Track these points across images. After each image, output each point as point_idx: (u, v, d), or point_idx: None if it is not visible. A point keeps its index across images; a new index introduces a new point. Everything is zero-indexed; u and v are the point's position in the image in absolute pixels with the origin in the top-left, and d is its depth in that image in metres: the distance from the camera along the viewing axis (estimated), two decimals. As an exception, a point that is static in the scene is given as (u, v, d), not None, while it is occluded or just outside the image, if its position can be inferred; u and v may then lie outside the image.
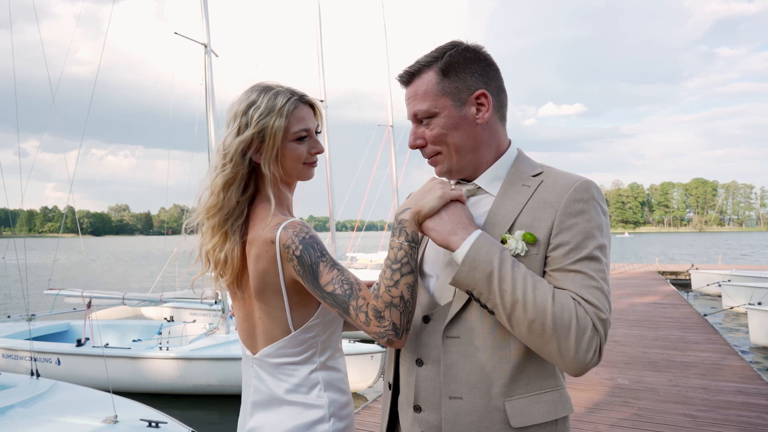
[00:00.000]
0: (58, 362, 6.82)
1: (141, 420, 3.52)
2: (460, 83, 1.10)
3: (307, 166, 1.29)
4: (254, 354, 1.28)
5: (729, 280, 12.43)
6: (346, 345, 6.29)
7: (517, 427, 1.04)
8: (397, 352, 1.23)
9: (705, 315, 9.24)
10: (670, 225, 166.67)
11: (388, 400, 1.26)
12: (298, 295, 1.20)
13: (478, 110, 1.11)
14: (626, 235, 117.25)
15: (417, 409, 1.14)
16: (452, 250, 1.03)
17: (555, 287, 1.01)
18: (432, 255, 1.20)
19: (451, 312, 1.08)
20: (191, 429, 3.52)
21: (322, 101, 11.70)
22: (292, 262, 1.15)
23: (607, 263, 1.05)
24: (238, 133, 1.22)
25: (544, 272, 1.05)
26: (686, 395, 4.65)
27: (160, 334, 6.96)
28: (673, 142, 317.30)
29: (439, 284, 1.14)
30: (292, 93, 1.25)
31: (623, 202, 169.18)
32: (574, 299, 0.99)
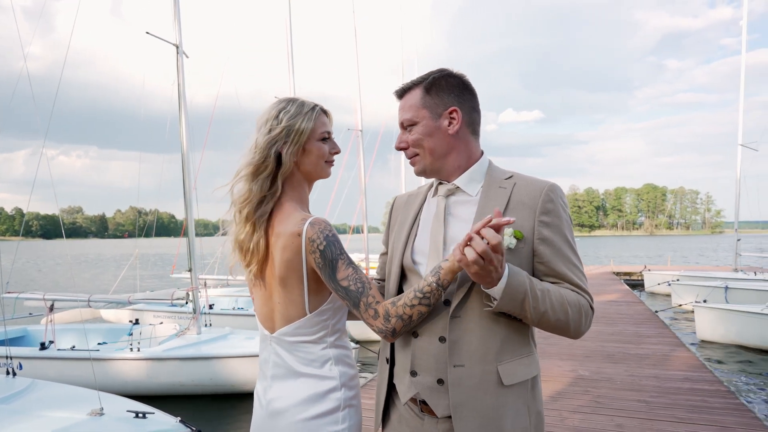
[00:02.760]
0: (20, 367, 6.64)
1: (128, 411, 3.55)
2: (438, 100, 1.36)
3: (328, 164, 1.49)
4: (272, 333, 1.44)
5: (678, 280, 13.21)
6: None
7: (507, 385, 1.27)
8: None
9: (656, 312, 9.83)
10: (623, 228, 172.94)
11: (385, 373, 1.46)
12: (316, 283, 1.38)
13: (450, 123, 1.36)
14: None
15: (413, 374, 1.34)
16: (488, 288, 1.21)
17: (554, 278, 1.29)
18: (420, 247, 1.41)
19: (455, 299, 1.29)
20: (179, 418, 3.57)
21: (291, 104, 11.76)
22: (314, 255, 1.33)
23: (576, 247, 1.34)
24: (269, 132, 1.40)
25: (537, 262, 1.31)
26: (640, 383, 5.03)
27: (131, 335, 6.87)
28: (625, 148, 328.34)
29: (427, 271, 1.35)
30: (315, 103, 1.46)
31: (579, 207, 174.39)
32: (578, 293, 1.28)
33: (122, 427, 3.38)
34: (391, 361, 1.45)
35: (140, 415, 3.52)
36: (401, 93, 1.42)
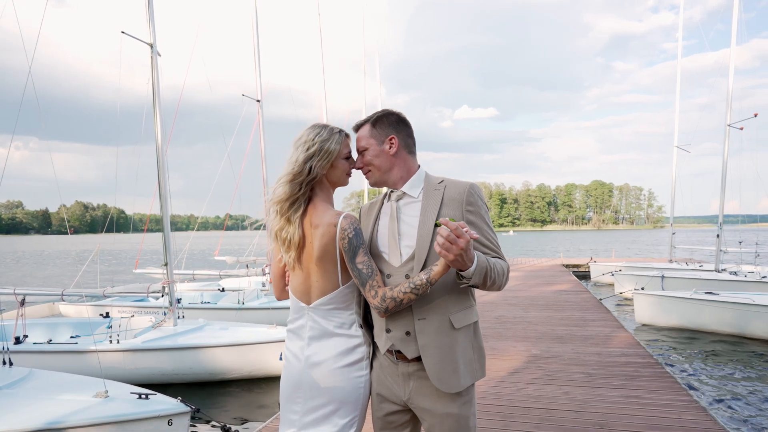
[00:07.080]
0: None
1: (131, 393, 3.83)
2: (381, 131, 1.86)
3: (348, 176, 1.95)
4: (309, 305, 1.88)
5: (620, 271, 14.30)
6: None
7: (458, 328, 1.78)
8: (366, 304, 1.91)
9: (601, 299, 10.73)
10: (572, 223, 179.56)
11: (368, 335, 1.93)
12: (345, 262, 1.83)
13: (390, 146, 1.85)
14: (511, 233, 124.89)
15: (388, 331, 1.82)
16: (463, 270, 1.60)
17: (481, 249, 1.76)
18: (382, 239, 1.89)
19: (415, 271, 1.76)
20: (179, 398, 3.87)
21: (258, 101, 11.95)
22: (343, 241, 1.78)
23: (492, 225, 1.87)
24: (306, 150, 1.84)
25: None
26: (584, 359, 5.72)
27: (110, 328, 7.01)
28: (575, 146, 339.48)
29: (390, 258, 1.83)
30: (341, 129, 1.92)
31: (532, 202, 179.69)
32: (502, 259, 1.79)
33: (129, 407, 3.65)
34: (371, 325, 1.94)
35: (143, 396, 3.81)
36: (357, 128, 1.92)
